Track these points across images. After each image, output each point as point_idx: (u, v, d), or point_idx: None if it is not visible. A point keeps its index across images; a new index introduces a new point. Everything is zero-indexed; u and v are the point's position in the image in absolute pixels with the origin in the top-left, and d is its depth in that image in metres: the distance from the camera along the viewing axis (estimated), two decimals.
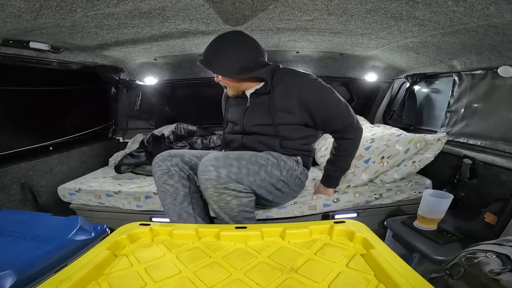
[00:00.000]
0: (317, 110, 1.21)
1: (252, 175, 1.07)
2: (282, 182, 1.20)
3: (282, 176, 1.19)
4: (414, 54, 1.68)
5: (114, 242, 0.82)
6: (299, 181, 1.33)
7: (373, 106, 2.49)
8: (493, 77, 1.48)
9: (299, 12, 1.13)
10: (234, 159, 1.04)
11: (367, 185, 1.51)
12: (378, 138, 1.60)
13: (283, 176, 1.20)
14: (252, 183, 1.08)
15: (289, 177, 1.23)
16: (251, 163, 1.08)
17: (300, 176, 1.31)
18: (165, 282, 0.67)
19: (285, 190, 1.25)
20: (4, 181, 1.45)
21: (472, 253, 0.73)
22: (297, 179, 1.29)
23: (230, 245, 0.83)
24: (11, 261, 0.81)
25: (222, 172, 1.00)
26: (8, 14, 0.93)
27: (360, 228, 0.84)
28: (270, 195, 1.20)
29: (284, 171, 1.20)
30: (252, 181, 1.08)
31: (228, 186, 1.02)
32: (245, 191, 1.08)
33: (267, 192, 1.17)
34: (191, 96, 2.61)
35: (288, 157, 1.25)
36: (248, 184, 1.07)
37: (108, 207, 1.57)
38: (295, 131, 1.25)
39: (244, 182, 1.05)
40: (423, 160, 1.50)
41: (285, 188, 1.25)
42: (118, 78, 2.09)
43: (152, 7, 1.03)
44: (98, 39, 1.39)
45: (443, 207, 1.14)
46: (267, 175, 1.13)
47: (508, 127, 1.42)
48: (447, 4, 0.96)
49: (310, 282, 0.65)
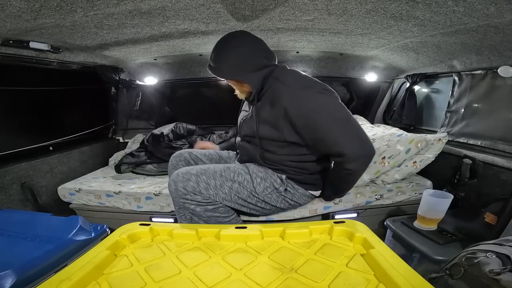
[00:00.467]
0: (303, 130, 1.05)
1: (213, 189, 1.12)
2: (256, 198, 1.18)
3: (255, 193, 1.17)
4: (414, 54, 1.68)
5: (114, 242, 0.82)
6: (287, 200, 1.23)
7: (373, 106, 2.49)
8: (493, 77, 1.48)
9: (299, 12, 1.13)
10: (194, 174, 1.12)
11: (368, 186, 1.51)
12: (379, 138, 1.60)
13: (257, 194, 1.17)
14: (214, 195, 1.13)
15: (267, 194, 1.18)
16: (213, 178, 1.13)
17: (285, 194, 1.21)
18: (165, 282, 0.67)
19: (264, 206, 1.21)
20: (4, 181, 1.45)
21: (472, 253, 0.73)
22: (280, 197, 1.21)
23: (230, 245, 0.83)
24: (11, 261, 0.81)
25: (179, 186, 1.11)
26: (8, 14, 0.93)
27: (360, 228, 0.84)
28: (244, 208, 1.20)
29: (259, 188, 1.17)
30: (213, 194, 1.13)
31: (186, 198, 1.12)
32: (206, 201, 1.12)
33: (238, 205, 1.18)
34: (191, 96, 2.61)
35: (272, 172, 1.19)
36: (208, 196, 1.12)
37: (108, 207, 1.57)
38: (281, 148, 1.14)
39: (203, 194, 1.11)
40: (424, 160, 1.50)
41: (263, 205, 1.21)
42: (118, 78, 2.09)
43: (152, 7, 1.03)
44: (98, 39, 1.39)
45: (443, 207, 1.14)
46: (233, 190, 1.15)
47: (508, 127, 1.42)
48: (447, 4, 0.95)
49: (310, 282, 0.65)
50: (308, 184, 1.25)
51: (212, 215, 1.15)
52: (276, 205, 1.23)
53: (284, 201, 1.23)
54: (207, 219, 1.14)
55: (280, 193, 1.21)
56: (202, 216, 1.14)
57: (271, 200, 1.21)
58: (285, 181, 1.20)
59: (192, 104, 2.61)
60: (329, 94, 1.07)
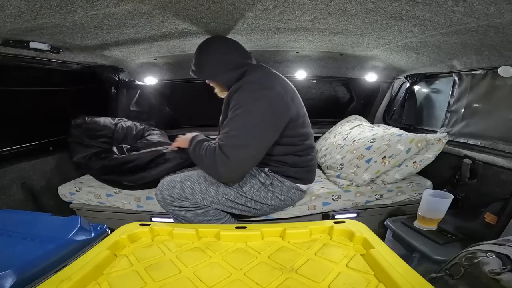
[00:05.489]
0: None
1: (199, 193, 1.13)
2: (245, 198, 1.18)
3: (243, 192, 1.17)
4: (414, 54, 1.68)
5: (114, 242, 0.82)
6: (276, 195, 1.22)
7: (373, 106, 2.49)
8: (493, 77, 1.48)
9: (299, 12, 1.13)
10: (178, 181, 1.15)
11: (369, 185, 1.51)
12: (379, 137, 1.60)
13: (244, 193, 1.17)
14: (201, 200, 1.14)
15: (255, 192, 1.19)
16: (198, 183, 1.15)
17: (273, 189, 1.21)
18: (165, 282, 0.67)
19: (254, 206, 1.21)
20: (4, 181, 1.45)
21: (472, 253, 0.73)
22: (269, 193, 1.21)
23: (230, 245, 0.83)
24: (11, 261, 0.81)
25: (165, 194, 1.14)
26: (8, 14, 0.93)
27: (360, 228, 0.84)
28: (234, 210, 1.20)
29: (245, 187, 1.17)
30: (200, 198, 1.14)
31: (174, 205, 1.14)
32: (194, 206, 1.13)
33: (228, 207, 1.19)
34: (191, 96, 2.61)
35: (255, 168, 1.21)
36: (195, 201, 1.13)
37: (108, 207, 1.57)
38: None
39: (190, 200, 1.12)
40: (424, 160, 1.50)
41: (253, 204, 1.20)
42: (118, 78, 2.09)
43: (152, 7, 1.03)
44: (98, 39, 1.39)
45: (443, 207, 1.14)
46: (220, 193, 1.15)
47: (508, 127, 1.42)
48: (447, 4, 0.95)
49: (310, 282, 0.65)
50: (292, 178, 1.25)
51: (203, 219, 1.16)
52: (267, 202, 1.22)
53: (273, 196, 1.22)
54: (200, 223, 1.15)
55: (267, 189, 1.21)
56: (194, 221, 1.15)
57: (260, 197, 1.20)
58: (269, 173, 1.22)
59: (192, 104, 2.61)
60: (266, 98, 1.02)
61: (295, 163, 1.23)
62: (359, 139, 1.69)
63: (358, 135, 1.77)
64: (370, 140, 1.61)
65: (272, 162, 1.21)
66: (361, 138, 1.69)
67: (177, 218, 1.19)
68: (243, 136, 0.98)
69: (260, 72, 1.14)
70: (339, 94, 2.53)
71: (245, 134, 0.98)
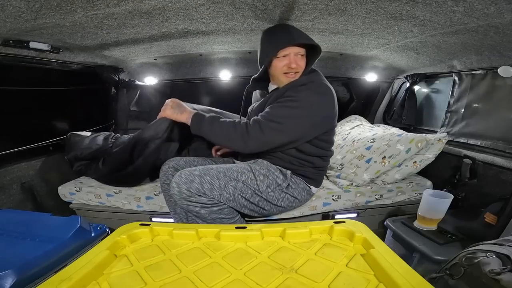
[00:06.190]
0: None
1: (217, 189, 1.11)
2: (259, 197, 1.18)
3: (259, 191, 1.17)
4: (414, 54, 1.68)
5: (114, 242, 0.82)
6: (287, 197, 1.25)
7: (373, 106, 2.49)
8: (493, 77, 1.48)
9: (299, 12, 1.13)
10: (197, 175, 1.10)
11: (369, 186, 1.51)
12: (379, 137, 1.60)
13: (260, 192, 1.17)
14: (218, 196, 1.11)
15: (269, 192, 1.19)
16: (217, 178, 1.12)
17: (287, 191, 1.24)
18: (165, 282, 0.67)
19: (264, 206, 1.22)
20: (4, 181, 1.45)
21: (472, 253, 0.73)
22: (282, 194, 1.23)
23: (230, 245, 0.83)
24: (11, 261, 0.81)
25: (183, 188, 1.07)
26: (8, 14, 0.93)
27: (360, 228, 0.84)
28: (245, 209, 1.19)
29: (262, 186, 1.18)
30: (218, 195, 1.11)
31: (190, 200, 1.08)
32: (211, 202, 1.11)
33: (240, 205, 1.17)
34: (191, 96, 2.61)
35: (275, 168, 1.22)
36: (213, 197, 1.10)
37: (108, 207, 1.57)
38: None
39: (208, 196, 1.09)
40: (424, 160, 1.50)
41: (264, 204, 1.21)
42: (118, 78, 2.09)
43: (152, 7, 1.03)
44: (98, 39, 1.39)
45: (443, 207, 1.14)
46: (237, 190, 1.14)
47: (508, 127, 1.42)
48: (447, 4, 0.95)
49: (310, 282, 0.65)
50: (310, 179, 1.30)
51: (217, 217, 1.13)
52: (277, 203, 1.24)
53: (285, 198, 1.25)
54: (212, 221, 1.13)
55: (282, 190, 1.22)
56: (207, 218, 1.12)
57: (273, 198, 1.21)
58: (289, 176, 1.24)
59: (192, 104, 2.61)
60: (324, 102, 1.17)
61: (319, 166, 1.31)
62: (359, 139, 1.69)
63: (358, 135, 1.77)
64: (370, 140, 1.61)
65: (298, 160, 1.25)
66: (361, 138, 1.69)
67: (189, 214, 1.15)
68: (286, 125, 1.11)
69: (323, 77, 1.24)
70: (339, 94, 2.52)
71: (288, 124, 1.11)
